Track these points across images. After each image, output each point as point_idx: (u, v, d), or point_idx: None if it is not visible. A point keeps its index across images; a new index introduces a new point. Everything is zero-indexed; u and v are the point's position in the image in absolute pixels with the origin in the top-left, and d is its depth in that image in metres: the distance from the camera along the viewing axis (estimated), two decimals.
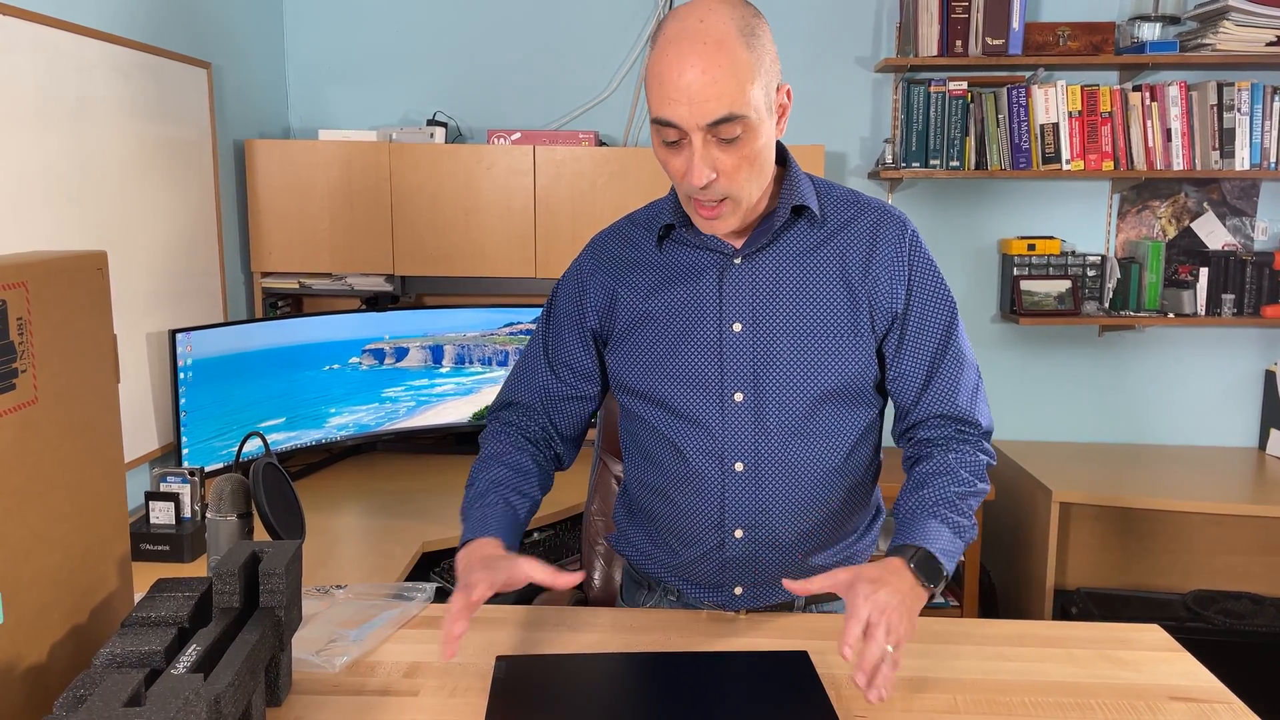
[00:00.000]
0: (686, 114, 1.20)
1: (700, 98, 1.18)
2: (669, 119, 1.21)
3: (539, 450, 1.49)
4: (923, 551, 1.24)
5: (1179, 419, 3.40)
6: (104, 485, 1.16)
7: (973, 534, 1.32)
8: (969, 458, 1.37)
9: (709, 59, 1.18)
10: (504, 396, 1.55)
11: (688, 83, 1.18)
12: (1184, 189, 3.30)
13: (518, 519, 1.38)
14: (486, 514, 1.36)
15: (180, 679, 0.87)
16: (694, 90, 1.18)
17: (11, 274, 0.98)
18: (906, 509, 1.33)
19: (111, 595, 1.17)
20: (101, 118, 2.30)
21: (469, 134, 3.32)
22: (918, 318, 1.37)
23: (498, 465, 1.44)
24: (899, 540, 1.28)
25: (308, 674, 1.24)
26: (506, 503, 1.38)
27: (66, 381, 1.08)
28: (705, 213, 1.29)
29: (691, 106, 1.19)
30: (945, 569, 1.24)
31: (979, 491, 1.35)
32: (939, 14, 3.06)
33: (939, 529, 1.28)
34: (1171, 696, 1.21)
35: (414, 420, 3.05)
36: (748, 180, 1.27)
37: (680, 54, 1.19)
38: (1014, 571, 3.21)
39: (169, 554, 2.15)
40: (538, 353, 1.52)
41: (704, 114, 1.19)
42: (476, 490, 1.41)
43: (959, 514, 1.31)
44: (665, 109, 1.21)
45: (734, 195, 1.27)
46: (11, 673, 0.98)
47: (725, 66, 1.18)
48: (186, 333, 2.52)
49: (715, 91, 1.18)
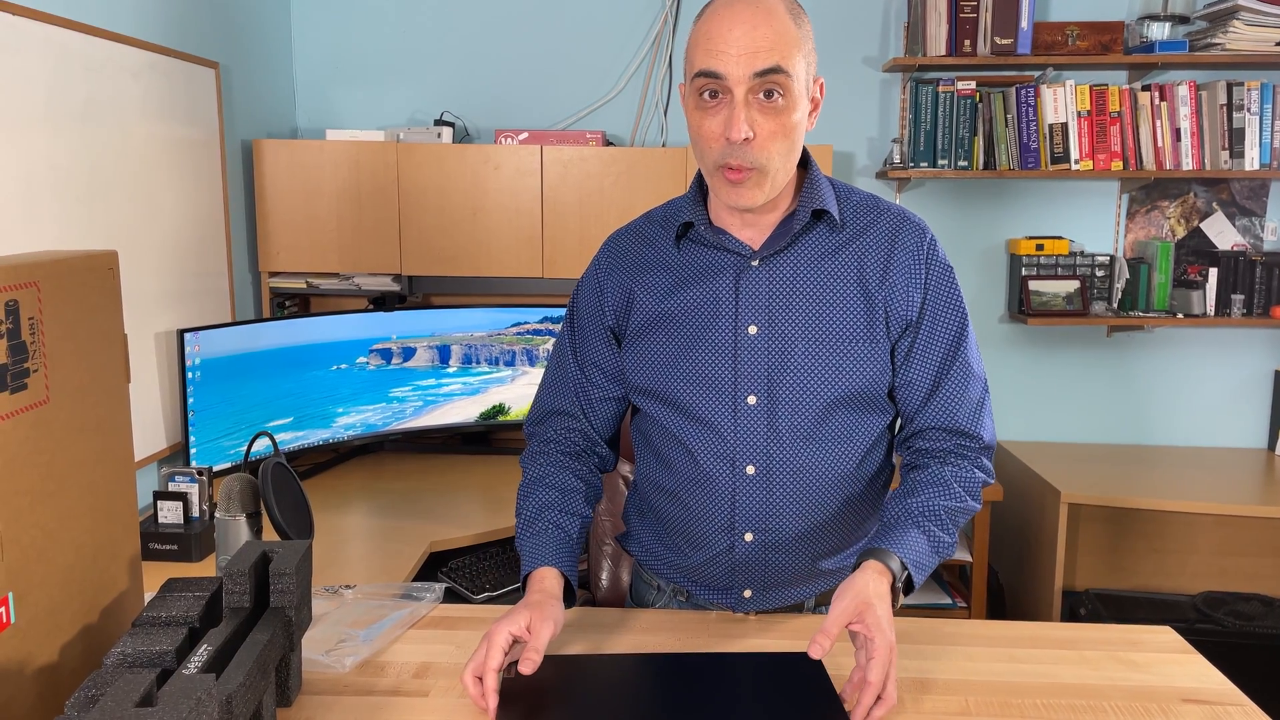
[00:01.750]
0: (734, 64, 1.22)
1: (750, 49, 1.21)
2: (716, 69, 1.23)
3: (580, 463, 1.48)
4: (900, 565, 1.24)
5: (1188, 420, 3.39)
6: (115, 485, 1.16)
7: (951, 550, 1.32)
8: (965, 473, 1.36)
9: (760, 17, 1.22)
10: (540, 407, 1.54)
11: (738, 36, 1.22)
12: (1193, 189, 3.29)
13: (570, 540, 1.37)
14: (539, 542, 1.36)
15: (192, 679, 0.87)
16: (744, 42, 1.22)
17: (23, 274, 0.98)
18: (892, 514, 1.32)
19: (122, 595, 1.17)
20: (110, 117, 2.30)
21: (476, 134, 3.32)
22: (928, 326, 1.36)
23: (542, 489, 1.43)
24: (878, 543, 1.27)
25: (318, 674, 1.24)
26: (556, 526, 1.37)
27: (78, 381, 1.08)
28: (733, 175, 1.27)
29: (740, 57, 1.22)
30: (915, 582, 1.26)
31: (969, 509, 1.35)
32: (947, 14, 3.06)
33: (917, 539, 1.28)
34: (1184, 699, 1.21)
35: (421, 420, 3.05)
36: (778, 153, 1.27)
37: (733, 12, 1.23)
38: (1022, 572, 3.20)
39: (177, 553, 2.15)
40: (567, 357, 1.51)
41: (752, 64, 1.22)
42: (525, 518, 1.40)
43: (942, 529, 1.30)
44: (712, 60, 1.23)
45: (763, 165, 1.26)
46: (23, 672, 0.99)
47: (776, 27, 1.22)
48: (195, 332, 2.52)
49: (766, 44, 1.22)
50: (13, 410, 0.96)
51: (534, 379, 3.09)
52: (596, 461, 1.52)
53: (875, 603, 1.15)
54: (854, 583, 1.18)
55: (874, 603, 1.15)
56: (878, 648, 1.12)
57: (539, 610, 1.22)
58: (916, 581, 1.26)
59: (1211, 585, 3.00)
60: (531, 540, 1.37)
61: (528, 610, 1.22)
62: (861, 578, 1.19)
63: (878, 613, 1.14)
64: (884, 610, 1.15)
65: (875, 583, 1.18)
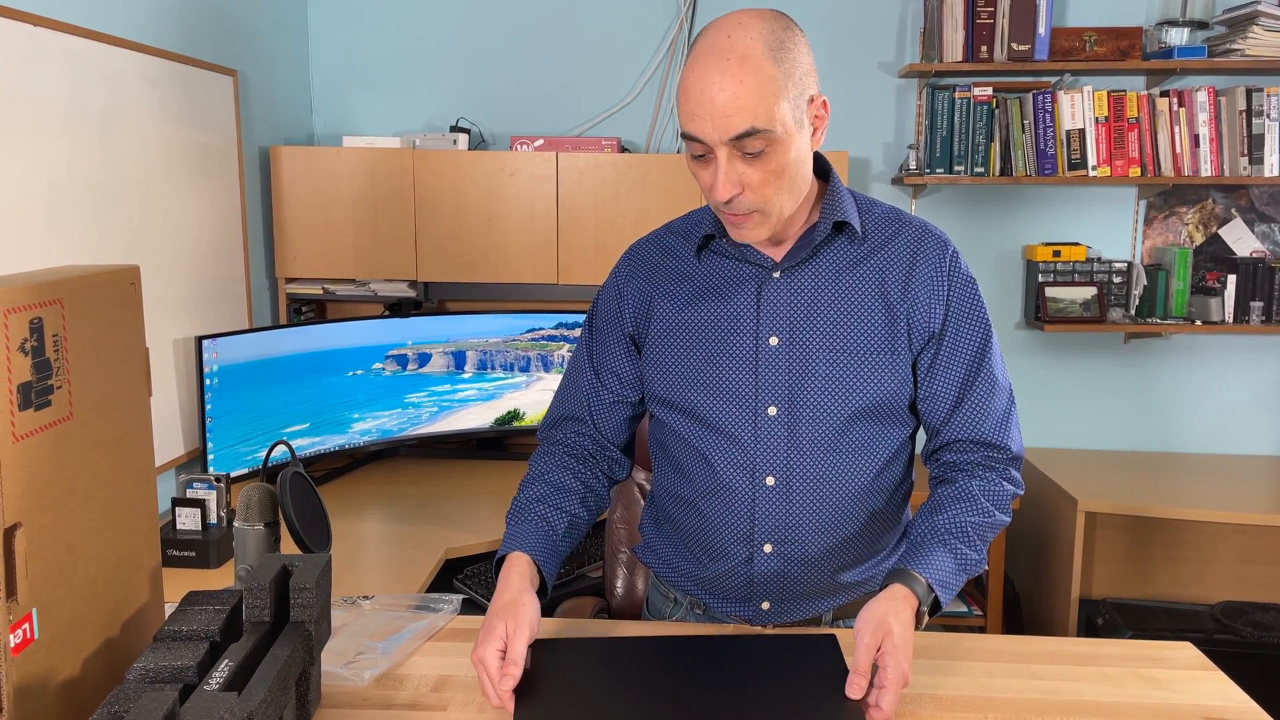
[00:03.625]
0: (710, 129, 1.21)
1: (722, 113, 1.19)
2: (694, 134, 1.23)
3: (584, 466, 1.48)
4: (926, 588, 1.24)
5: (1206, 427, 3.37)
6: (136, 498, 1.17)
7: (980, 567, 1.32)
8: (993, 486, 1.35)
9: (732, 75, 1.19)
10: (553, 413, 1.55)
11: (710, 98, 1.19)
12: (1212, 195, 3.27)
13: (553, 533, 1.38)
14: (520, 530, 1.37)
15: (214, 697, 0.87)
16: (716, 105, 1.19)
17: (47, 291, 0.99)
18: (918, 533, 1.32)
19: (143, 607, 1.18)
20: (129, 125, 2.31)
21: (492, 140, 3.33)
22: (951, 338, 1.36)
23: (536, 484, 1.44)
24: (904, 564, 1.28)
25: (336, 687, 1.24)
26: (541, 518, 1.38)
27: (100, 396, 1.08)
28: (733, 219, 1.30)
29: (714, 121, 1.20)
30: (942, 602, 1.26)
31: (998, 523, 1.34)
32: (964, 20, 3.05)
33: (943, 559, 1.27)
34: (1205, 717, 1.20)
35: (436, 425, 3.06)
36: (777, 194, 1.26)
37: (705, 70, 1.20)
38: (1038, 581, 3.19)
39: (195, 560, 2.16)
40: (583, 363, 1.52)
41: (726, 129, 1.20)
42: (513, 510, 1.41)
43: (969, 546, 1.30)
44: (690, 124, 1.23)
45: (762, 208, 1.27)
46: (46, 686, 0.99)
47: (748, 83, 1.19)
48: (213, 339, 2.54)
49: (737, 106, 1.19)
50: (37, 427, 0.97)
51: (549, 385, 3.09)
52: (606, 467, 1.52)
53: (895, 629, 1.16)
54: (875, 611, 1.19)
55: (894, 629, 1.16)
56: (890, 678, 1.13)
57: (511, 616, 1.23)
58: (944, 602, 1.26)
59: (1230, 595, 2.98)
60: (513, 528, 1.38)
61: (500, 619, 1.22)
62: (883, 605, 1.20)
63: (895, 640, 1.15)
64: (903, 636, 1.16)
65: (896, 609, 1.19)
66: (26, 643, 0.96)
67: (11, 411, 0.93)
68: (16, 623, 0.94)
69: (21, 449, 0.94)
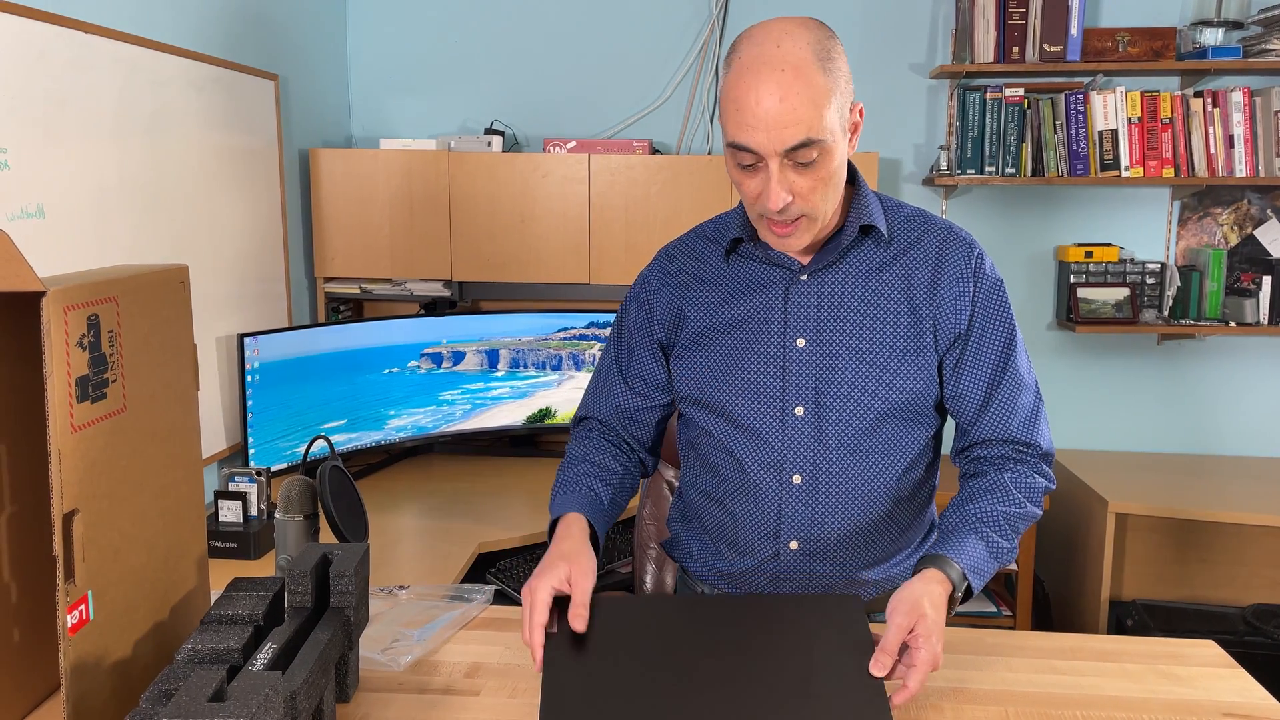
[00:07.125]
0: (764, 140, 1.21)
1: (778, 124, 1.19)
2: (746, 144, 1.22)
3: (622, 453, 1.54)
4: (960, 574, 1.26)
5: (1239, 430, 3.34)
6: (185, 488, 1.22)
7: (1011, 556, 1.33)
8: (1024, 478, 1.37)
9: (787, 86, 1.19)
10: (581, 412, 1.60)
11: (766, 109, 1.19)
12: (1247, 196, 3.25)
13: (600, 503, 1.42)
14: (569, 498, 1.41)
15: (259, 676, 0.92)
16: (772, 117, 1.19)
17: (103, 289, 1.04)
18: (950, 522, 1.34)
19: (191, 593, 1.23)
20: (175, 129, 2.38)
21: (525, 142, 3.38)
22: (977, 339, 1.38)
23: (581, 463, 1.48)
24: (937, 550, 1.29)
25: (374, 672, 1.29)
26: (590, 490, 1.43)
27: (152, 390, 1.13)
28: (779, 230, 1.30)
29: (769, 133, 1.20)
30: (974, 588, 1.27)
31: (1029, 514, 1.35)
32: (996, 20, 3.05)
33: (975, 545, 1.29)
34: (1226, 714, 1.21)
35: (470, 423, 3.11)
36: (823, 199, 1.28)
37: (758, 80, 1.20)
38: (1069, 582, 3.18)
39: (237, 551, 2.22)
40: (611, 368, 1.56)
41: (782, 140, 1.20)
42: (560, 484, 1.46)
43: (1001, 534, 1.32)
44: (742, 134, 1.22)
45: (809, 214, 1.29)
46: (100, 666, 1.04)
47: (803, 93, 1.19)
48: (254, 337, 2.60)
49: (793, 118, 1.19)
50: (94, 419, 1.02)
51: (580, 383, 3.13)
52: (636, 460, 1.57)
53: (929, 612, 1.17)
54: (910, 592, 1.20)
55: (927, 612, 1.17)
56: (921, 659, 1.14)
57: (576, 562, 1.25)
58: (975, 588, 1.27)
59: (1261, 597, 2.96)
60: (562, 498, 1.42)
61: (565, 562, 1.25)
62: (918, 586, 1.21)
63: (929, 623, 1.16)
64: (936, 620, 1.17)
65: (931, 592, 1.20)
66: (83, 623, 1.01)
67: (70, 403, 0.98)
68: (74, 604, 0.99)
69: (79, 439, 0.99)
